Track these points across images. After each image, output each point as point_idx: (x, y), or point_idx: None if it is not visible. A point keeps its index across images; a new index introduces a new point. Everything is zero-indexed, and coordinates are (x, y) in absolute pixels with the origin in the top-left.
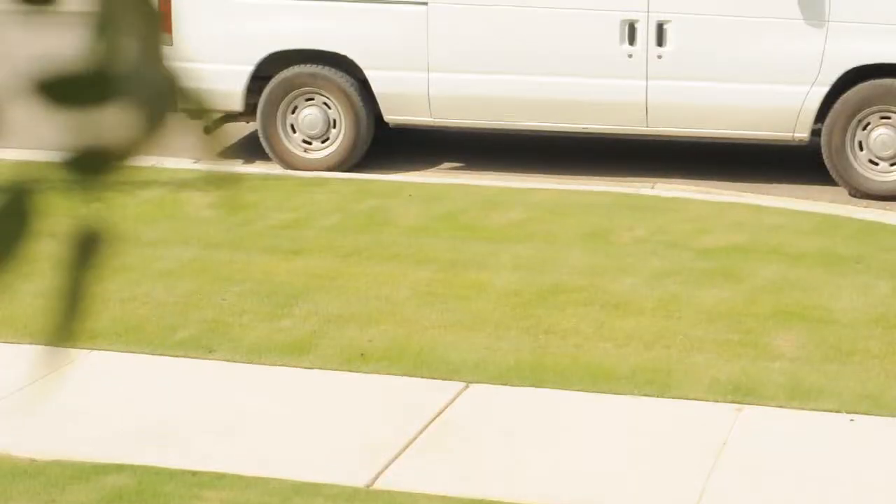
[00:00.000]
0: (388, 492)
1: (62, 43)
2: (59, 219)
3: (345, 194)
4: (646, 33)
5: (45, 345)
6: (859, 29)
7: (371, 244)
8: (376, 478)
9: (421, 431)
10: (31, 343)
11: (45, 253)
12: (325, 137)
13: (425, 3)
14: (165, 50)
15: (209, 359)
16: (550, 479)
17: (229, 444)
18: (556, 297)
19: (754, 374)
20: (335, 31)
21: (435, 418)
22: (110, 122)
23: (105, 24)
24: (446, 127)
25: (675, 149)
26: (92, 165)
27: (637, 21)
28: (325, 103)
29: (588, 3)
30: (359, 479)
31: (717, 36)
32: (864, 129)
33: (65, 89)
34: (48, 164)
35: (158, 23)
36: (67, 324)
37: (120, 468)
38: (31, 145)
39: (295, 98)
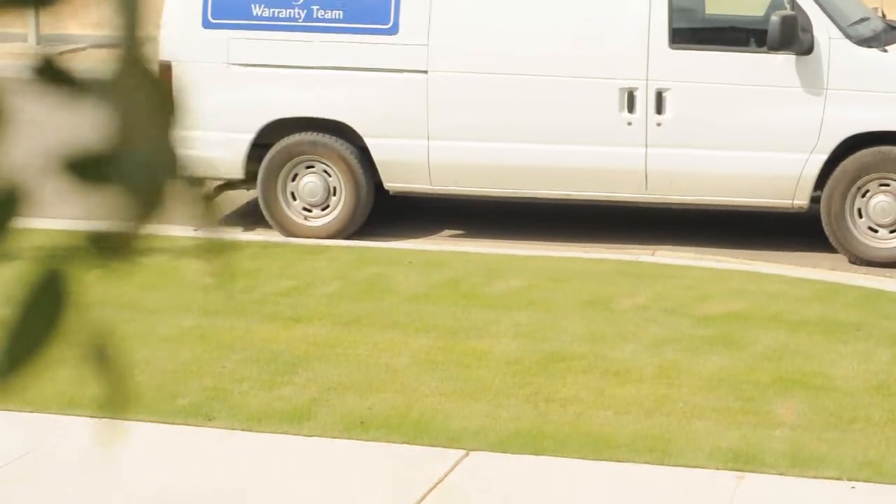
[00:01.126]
0: None
1: (86, 120)
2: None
3: (345, 262)
4: (645, 101)
5: (101, 417)
6: (858, 96)
7: (371, 311)
8: None
9: (421, 499)
10: (31, 411)
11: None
12: (325, 205)
13: (425, 72)
14: (173, 124)
15: (209, 426)
16: None
17: None
18: (556, 365)
19: (755, 441)
20: (335, 98)
21: (435, 486)
22: (123, 198)
23: (115, 99)
24: (446, 194)
25: (674, 215)
26: (111, 242)
27: (636, 89)
28: (326, 171)
29: (587, 71)
30: None
31: (715, 104)
32: (864, 196)
33: (86, 167)
34: (77, 235)
35: (167, 97)
36: (119, 393)
37: None
38: (62, 216)
39: (295, 166)
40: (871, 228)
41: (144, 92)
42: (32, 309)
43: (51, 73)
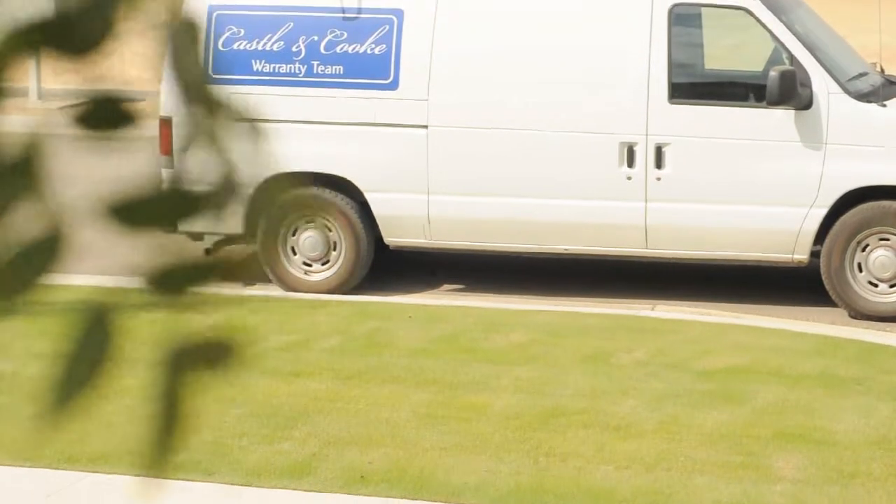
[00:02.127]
0: None
1: (129, 166)
2: (138, 343)
3: (345, 316)
4: (645, 156)
5: (141, 475)
6: (857, 151)
7: (371, 366)
8: None
9: None
10: (30, 466)
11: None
12: (325, 260)
13: (425, 127)
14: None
15: (209, 481)
16: None
17: None
18: (556, 420)
19: (756, 496)
20: (336, 153)
21: None
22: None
23: (200, 139)
24: (446, 249)
25: (674, 269)
26: (172, 283)
27: (636, 144)
28: (326, 225)
29: (587, 126)
30: None
31: (715, 158)
32: (863, 250)
33: (136, 212)
34: (126, 289)
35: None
36: (163, 451)
37: None
38: (108, 271)
39: (295, 220)
40: (871, 283)
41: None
42: (82, 346)
43: (103, 116)
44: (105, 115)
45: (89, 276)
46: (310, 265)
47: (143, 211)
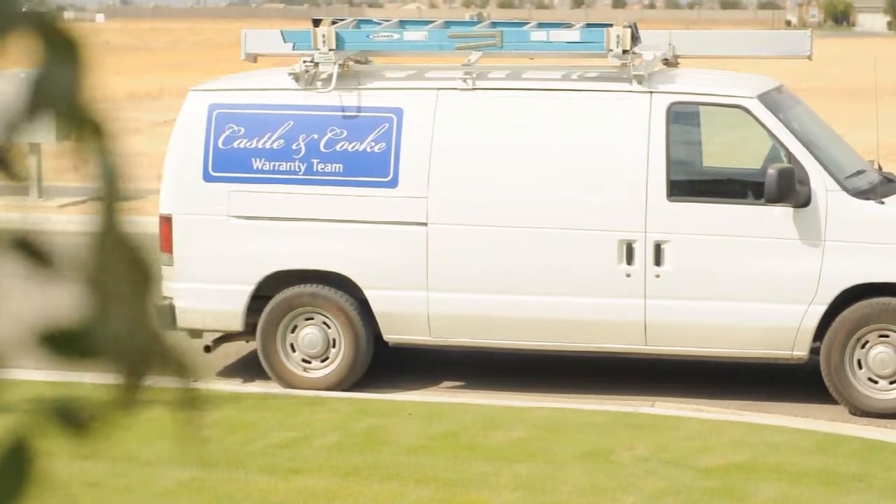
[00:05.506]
0: None
1: (63, 297)
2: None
3: (344, 413)
4: (643, 253)
5: None
6: (856, 248)
7: (370, 463)
8: None
9: None
10: None
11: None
12: (324, 356)
13: (425, 224)
14: (153, 310)
15: None
16: None
17: None
18: None
19: None
20: (335, 251)
21: None
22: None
23: (98, 284)
24: (446, 346)
25: (674, 366)
26: (83, 417)
27: (635, 241)
28: (325, 322)
29: (586, 223)
30: None
31: (714, 255)
32: (863, 347)
33: (63, 343)
34: (47, 403)
35: (150, 284)
36: None
37: None
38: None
39: (295, 317)
40: (871, 379)
41: (122, 266)
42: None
43: (27, 249)
44: (32, 256)
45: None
46: (309, 362)
47: (73, 341)
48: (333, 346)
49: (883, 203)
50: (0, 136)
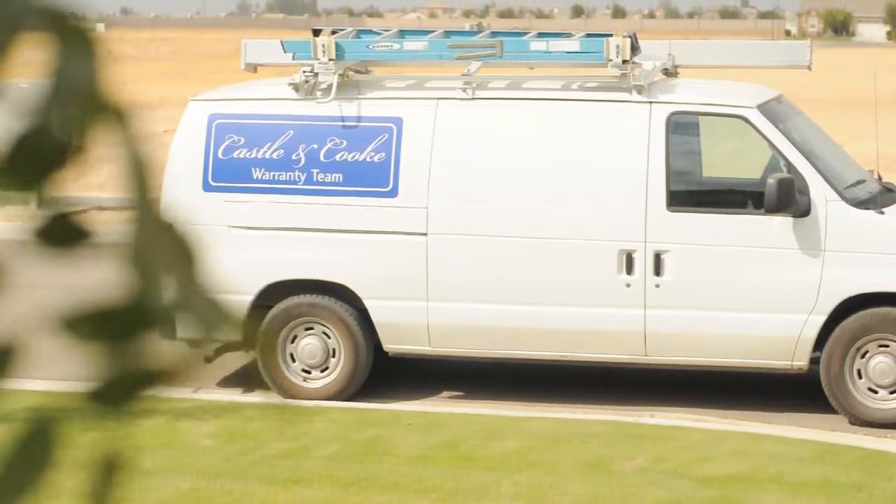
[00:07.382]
0: None
1: (87, 277)
2: (80, 449)
3: (344, 423)
4: (643, 263)
5: None
6: (855, 258)
7: (371, 473)
8: None
9: None
10: None
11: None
12: (324, 367)
13: (424, 234)
14: (202, 280)
15: None
16: None
17: None
18: None
19: None
20: (335, 261)
21: None
22: (139, 353)
23: (141, 257)
24: (446, 356)
25: (674, 376)
26: (117, 396)
27: (635, 251)
28: (325, 332)
29: (586, 233)
30: None
31: (714, 265)
32: (863, 357)
33: (93, 325)
34: (71, 396)
35: (194, 255)
36: None
37: None
38: (55, 377)
39: (294, 327)
40: (870, 389)
41: (164, 242)
42: (17, 461)
43: (62, 232)
44: (61, 233)
45: (42, 382)
46: (308, 372)
47: (96, 324)
48: (333, 356)
49: (882, 213)
50: (59, 136)
